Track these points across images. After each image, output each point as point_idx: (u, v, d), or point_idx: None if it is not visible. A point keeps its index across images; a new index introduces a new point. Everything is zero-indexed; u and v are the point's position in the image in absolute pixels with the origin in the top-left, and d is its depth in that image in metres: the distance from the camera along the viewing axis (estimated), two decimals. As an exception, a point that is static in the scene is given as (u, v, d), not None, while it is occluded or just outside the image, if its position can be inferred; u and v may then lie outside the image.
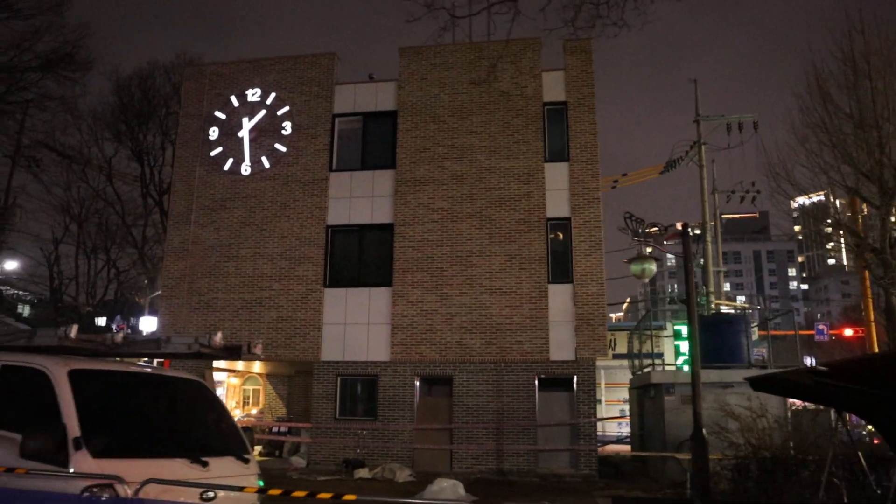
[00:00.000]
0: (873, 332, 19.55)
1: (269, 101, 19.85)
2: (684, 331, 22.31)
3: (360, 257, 18.90)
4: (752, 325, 21.04)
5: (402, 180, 18.78)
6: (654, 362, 19.06)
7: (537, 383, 17.30)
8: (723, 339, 17.01)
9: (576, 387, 17.18)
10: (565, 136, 18.51)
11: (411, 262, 18.23)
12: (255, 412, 22.63)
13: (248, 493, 5.52)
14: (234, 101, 20.05)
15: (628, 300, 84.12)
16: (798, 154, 17.00)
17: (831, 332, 34.32)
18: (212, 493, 5.27)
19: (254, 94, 19.97)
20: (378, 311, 18.19)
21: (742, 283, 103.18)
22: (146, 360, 8.16)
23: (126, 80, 27.82)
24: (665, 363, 20.91)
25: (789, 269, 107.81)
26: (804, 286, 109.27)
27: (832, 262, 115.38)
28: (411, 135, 19.01)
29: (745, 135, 25.24)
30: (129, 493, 4.53)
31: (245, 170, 19.57)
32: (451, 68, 19.27)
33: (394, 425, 17.43)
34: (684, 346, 21.93)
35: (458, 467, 16.91)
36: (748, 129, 25.29)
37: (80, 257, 27.30)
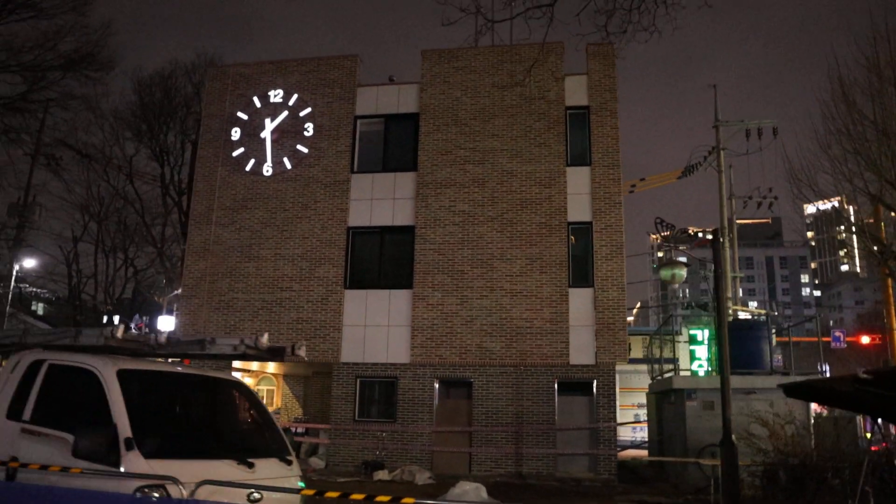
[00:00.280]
0: (895, 340, 19.40)
1: (291, 102, 19.94)
2: (700, 335, 22.26)
3: (381, 259, 18.94)
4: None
5: (424, 183, 18.81)
6: (674, 368, 19.01)
7: (557, 387, 17.29)
8: (744, 345, 16.90)
9: (595, 391, 17.16)
10: (587, 141, 18.51)
11: (432, 264, 18.26)
12: (271, 412, 22.68)
13: (293, 495, 5.55)
14: (257, 101, 20.15)
15: (638, 305, 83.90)
16: (821, 160, 16.96)
17: (848, 339, 34.06)
18: (258, 495, 5.30)
19: (276, 95, 20.06)
20: (398, 313, 18.22)
21: (754, 288, 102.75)
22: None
23: (147, 79, 28.03)
24: (680, 368, 20.85)
25: (802, 276, 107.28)
26: (817, 293, 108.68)
27: (845, 268, 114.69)
28: (433, 137, 19.05)
29: (763, 141, 25.16)
30: (184, 494, 4.55)
31: (267, 170, 19.65)
32: (473, 71, 19.31)
33: (413, 427, 17.45)
34: (700, 351, 21.86)
35: (476, 470, 16.91)
36: (767, 134, 25.22)
37: (99, 256, 27.49)
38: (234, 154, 19.98)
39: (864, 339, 33.54)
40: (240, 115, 20.18)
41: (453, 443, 17.32)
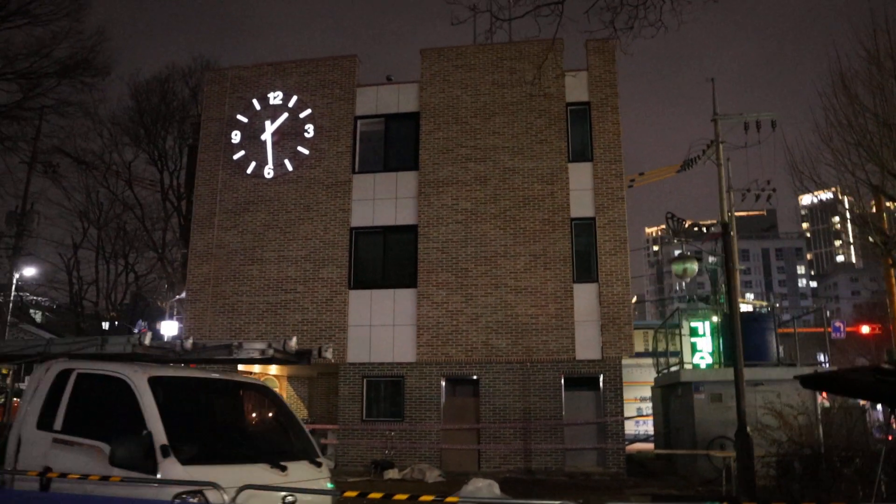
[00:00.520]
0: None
1: (290, 103, 19.91)
2: (701, 328, 22.34)
3: (385, 259, 18.95)
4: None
5: (426, 181, 18.83)
6: (680, 361, 19.06)
7: (563, 382, 17.34)
8: (750, 337, 16.98)
9: (602, 385, 17.22)
10: (588, 137, 18.55)
11: (436, 263, 18.28)
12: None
13: (325, 497, 5.57)
14: (256, 104, 20.11)
15: (634, 299, 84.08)
16: (823, 153, 17.04)
17: (848, 329, 34.22)
18: (291, 498, 5.31)
19: (276, 97, 20.03)
20: (403, 312, 18.24)
21: (751, 280, 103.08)
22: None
23: (143, 84, 27.92)
24: (682, 362, 20.91)
25: (798, 267, 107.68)
26: (813, 284, 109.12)
27: (841, 259, 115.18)
28: (434, 136, 19.06)
29: (762, 133, 25.23)
30: (225, 499, 4.56)
31: (268, 173, 19.63)
32: (472, 69, 19.32)
33: (421, 426, 17.48)
34: (701, 344, 21.92)
35: (486, 467, 16.95)
36: (765, 127, 25.29)
37: (100, 262, 27.39)
38: (235, 157, 19.95)
39: (865, 329, 33.70)
40: (239, 117, 20.14)
41: (461, 440, 17.36)
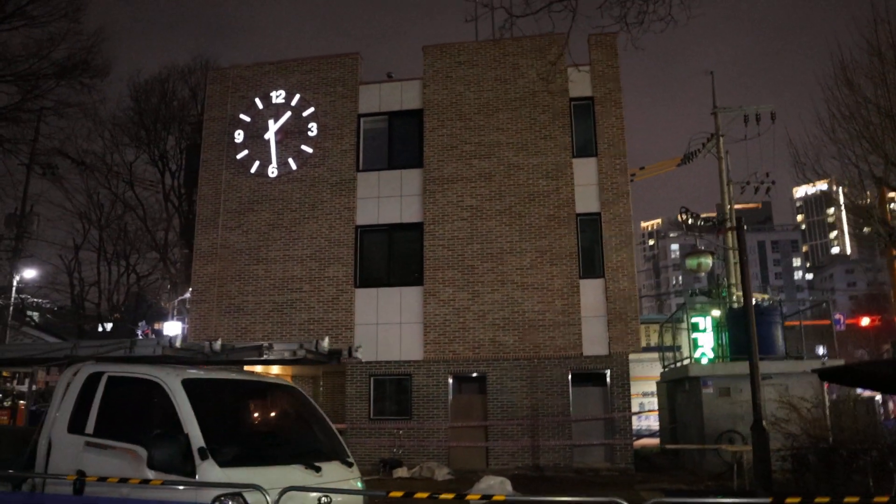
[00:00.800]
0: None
1: (293, 102, 19.86)
2: (702, 323, 22.42)
3: (390, 257, 18.94)
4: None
5: (430, 179, 18.81)
6: (690, 356, 19.12)
7: (571, 378, 17.37)
8: (758, 330, 17.02)
9: (609, 381, 17.25)
10: (592, 132, 18.55)
11: (442, 260, 18.27)
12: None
13: (357, 497, 5.57)
14: (259, 103, 20.05)
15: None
16: (826, 145, 17.09)
17: (848, 321, 34.37)
18: (326, 499, 5.31)
19: (278, 96, 19.97)
20: (410, 310, 18.24)
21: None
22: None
23: (143, 85, 27.79)
24: (691, 357, 20.97)
25: (794, 259, 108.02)
26: (809, 276, 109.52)
27: (836, 250, 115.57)
28: (438, 133, 19.04)
29: (762, 126, 25.32)
30: (269, 501, 4.56)
31: (272, 172, 19.58)
32: (475, 66, 19.30)
33: (429, 424, 17.48)
34: (702, 339, 22.00)
35: (494, 464, 16.97)
36: (765, 120, 25.38)
37: (101, 263, 27.30)
38: (238, 156, 19.89)
39: (865, 321, 33.86)
40: (242, 117, 20.08)
41: (469, 438, 17.37)
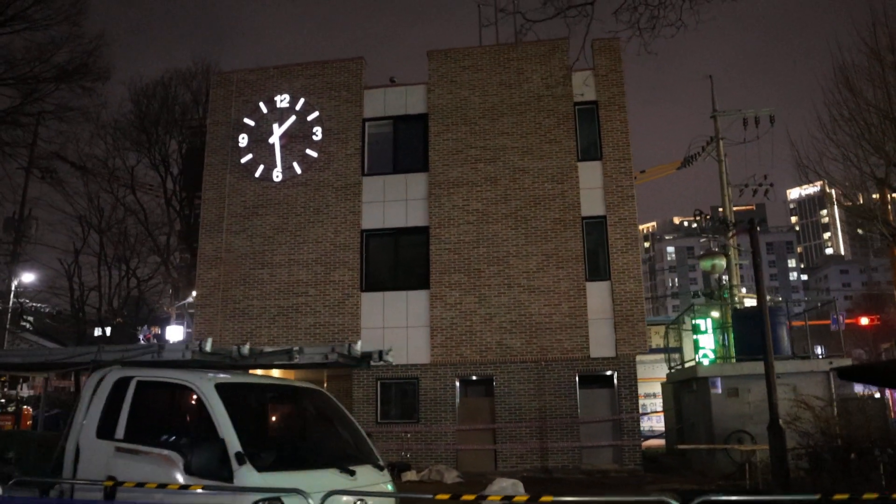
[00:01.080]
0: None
1: (298, 106, 19.87)
2: (703, 325, 22.50)
3: (397, 261, 18.96)
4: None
5: (436, 183, 18.84)
6: (682, 357, 19.18)
7: (578, 380, 17.40)
8: (762, 330, 17.08)
9: (616, 383, 17.30)
10: (597, 135, 18.63)
11: (448, 264, 18.29)
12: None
13: (390, 501, 5.57)
14: (263, 107, 20.05)
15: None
16: (829, 147, 17.21)
17: (848, 321, 34.50)
18: (361, 502, 5.31)
19: (282, 101, 19.98)
20: (416, 313, 18.24)
21: (742, 275, 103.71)
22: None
23: (143, 89, 27.73)
24: (696, 358, 21.03)
25: (789, 261, 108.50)
26: (804, 277, 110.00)
27: (830, 251, 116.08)
28: (443, 137, 19.08)
29: (760, 129, 25.45)
30: (310, 504, 4.55)
31: (277, 176, 19.58)
32: (480, 70, 19.36)
33: (436, 427, 17.49)
34: (703, 341, 22.08)
35: (502, 467, 16.98)
36: (764, 123, 25.51)
37: (102, 268, 27.21)
38: (243, 161, 19.88)
39: (864, 321, 34.03)
40: (246, 121, 20.07)
41: (477, 440, 17.39)
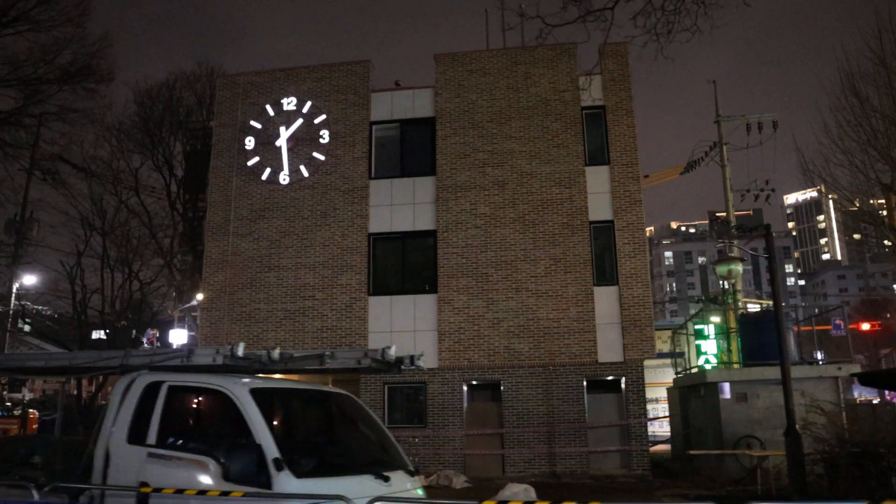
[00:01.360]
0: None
1: (305, 109, 19.83)
2: (706, 330, 22.54)
3: (404, 264, 18.92)
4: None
5: (443, 187, 18.82)
6: (685, 362, 19.17)
7: (586, 385, 17.38)
8: (769, 335, 17.06)
9: (624, 388, 17.28)
10: (604, 140, 18.63)
11: (455, 268, 18.27)
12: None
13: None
14: (270, 109, 20.01)
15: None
16: (836, 154, 17.27)
17: (850, 326, 34.59)
18: None
19: (289, 103, 19.94)
20: (424, 318, 18.20)
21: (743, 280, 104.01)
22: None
23: (147, 91, 27.66)
24: (688, 364, 21.06)
25: (786, 266, 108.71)
26: (801, 282, 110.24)
27: (826, 256, 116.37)
28: (450, 141, 19.07)
29: (763, 134, 25.54)
30: (353, 511, 4.51)
31: (283, 179, 19.53)
32: (487, 74, 19.36)
33: (444, 432, 17.44)
34: (706, 346, 22.12)
35: (510, 471, 16.95)
36: (767, 128, 25.61)
37: (105, 270, 27.11)
38: (249, 163, 19.82)
39: (865, 326, 34.11)
40: (253, 123, 20.02)
41: (485, 445, 17.34)
